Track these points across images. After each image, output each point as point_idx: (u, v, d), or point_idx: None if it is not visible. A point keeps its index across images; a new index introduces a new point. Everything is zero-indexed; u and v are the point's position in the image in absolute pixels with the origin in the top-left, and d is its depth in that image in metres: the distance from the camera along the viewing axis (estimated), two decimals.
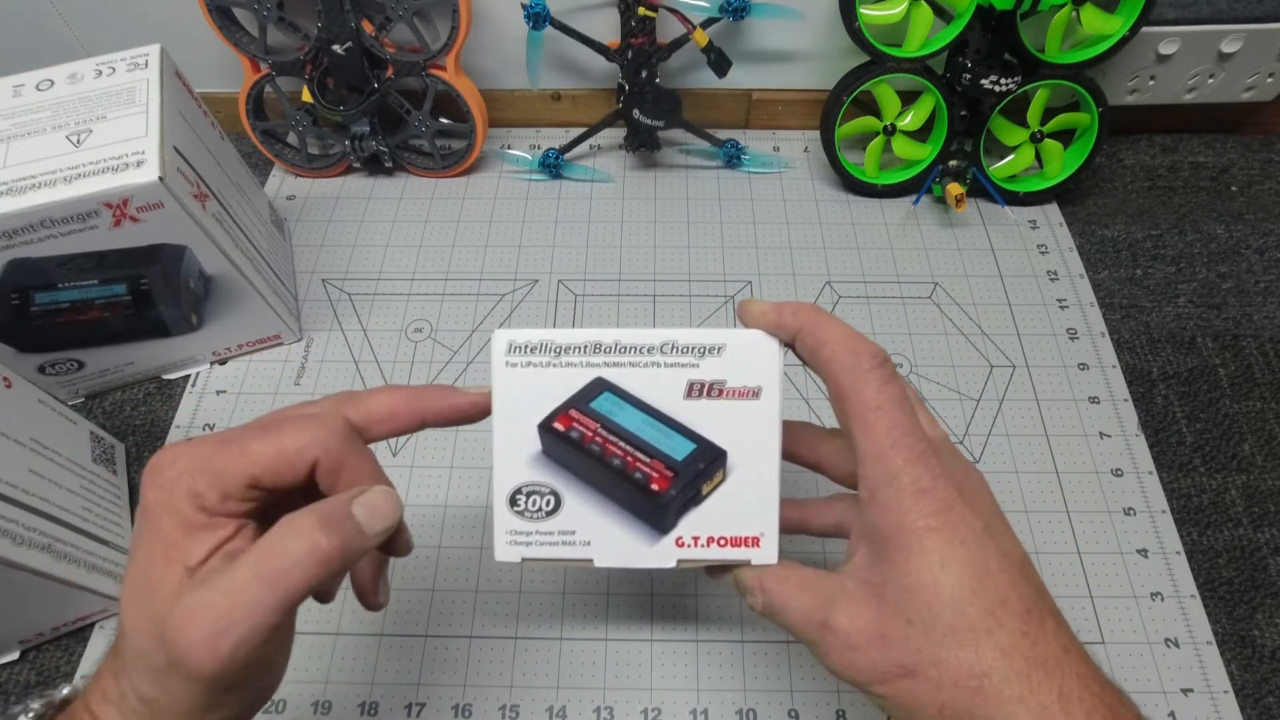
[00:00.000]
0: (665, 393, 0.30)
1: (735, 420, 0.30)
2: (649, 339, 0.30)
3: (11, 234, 0.43)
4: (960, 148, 0.61)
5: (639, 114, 0.62)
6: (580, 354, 0.30)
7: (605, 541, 0.31)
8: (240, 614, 0.23)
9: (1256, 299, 0.59)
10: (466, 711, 0.43)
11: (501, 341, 0.30)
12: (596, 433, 0.30)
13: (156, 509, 0.26)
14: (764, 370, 0.30)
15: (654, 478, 0.30)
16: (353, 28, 0.57)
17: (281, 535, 0.25)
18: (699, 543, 0.30)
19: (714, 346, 0.30)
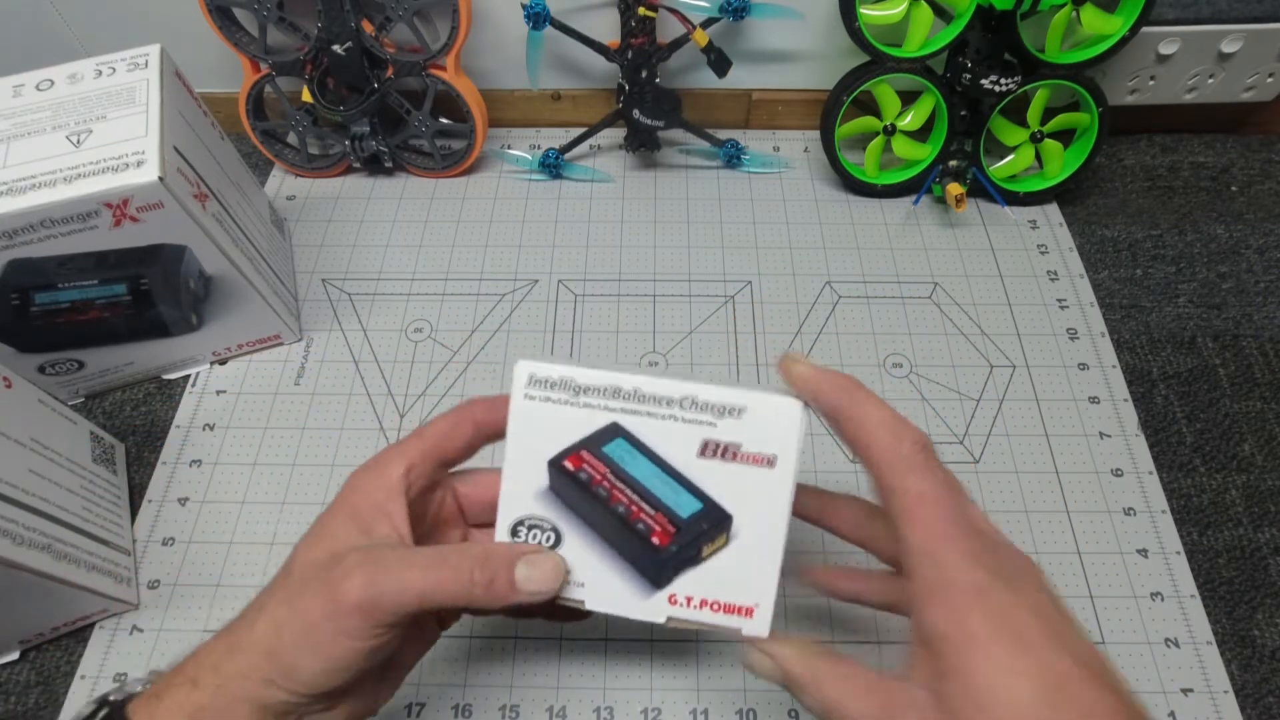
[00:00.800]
0: (679, 448, 0.30)
1: (746, 486, 0.29)
2: (670, 391, 0.30)
3: (11, 234, 0.43)
4: (960, 148, 0.61)
5: (639, 114, 0.62)
6: (600, 396, 0.30)
7: (599, 586, 0.30)
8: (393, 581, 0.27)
9: (1256, 299, 0.59)
10: (466, 711, 0.43)
11: (523, 373, 0.30)
12: (605, 477, 0.30)
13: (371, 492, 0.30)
14: (783, 439, 0.29)
15: (656, 530, 0.30)
16: (353, 28, 0.57)
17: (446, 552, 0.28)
18: (692, 603, 0.30)
19: (734, 408, 0.29)
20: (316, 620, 0.27)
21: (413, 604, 0.27)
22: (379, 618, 0.27)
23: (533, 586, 0.29)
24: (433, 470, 0.31)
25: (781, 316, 0.58)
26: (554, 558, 0.30)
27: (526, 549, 0.30)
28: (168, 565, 0.48)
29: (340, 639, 0.27)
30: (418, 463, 0.30)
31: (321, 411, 0.54)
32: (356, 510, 0.29)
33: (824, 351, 0.56)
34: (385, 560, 0.27)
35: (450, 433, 0.31)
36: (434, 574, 0.27)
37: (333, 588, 0.27)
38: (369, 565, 0.27)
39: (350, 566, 0.27)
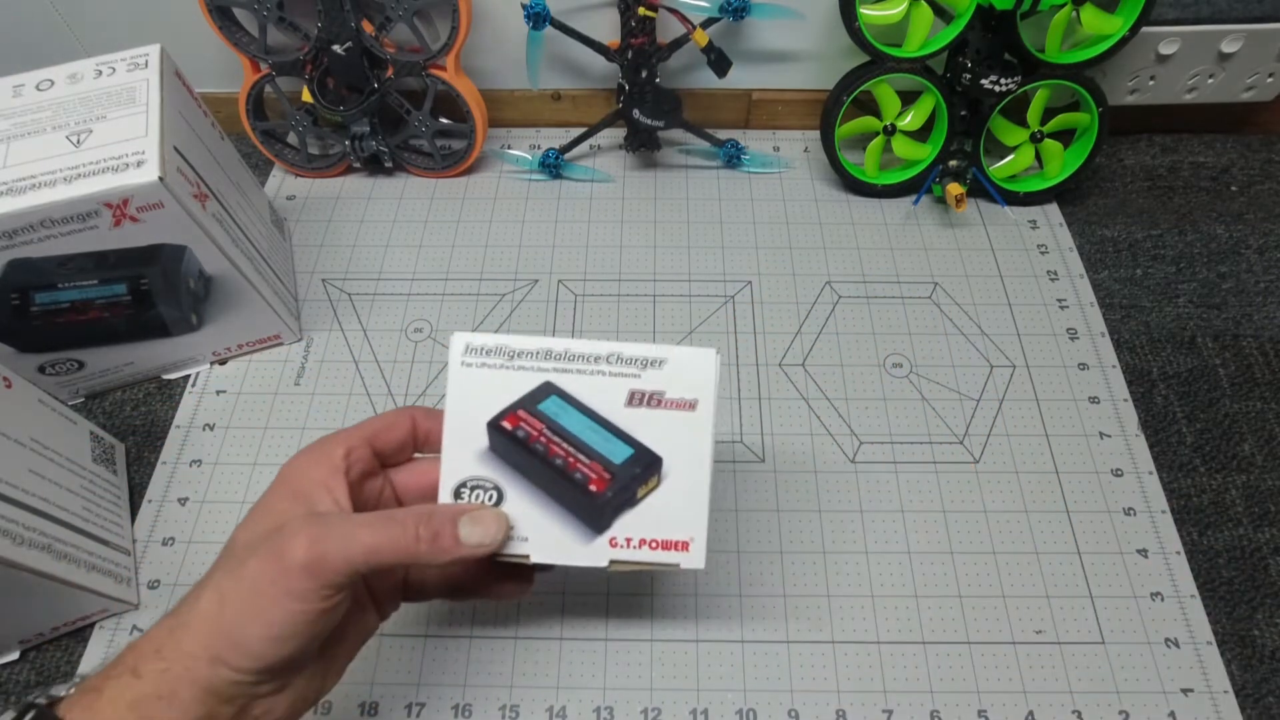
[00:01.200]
0: (608, 399, 0.32)
1: (672, 429, 0.32)
2: (596, 349, 0.32)
3: (11, 234, 0.43)
4: (960, 148, 0.61)
5: (639, 114, 0.62)
6: (532, 359, 0.32)
7: (542, 538, 0.32)
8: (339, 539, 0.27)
9: (1256, 299, 0.59)
10: (466, 711, 0.43)
11: (459, 343, 0.32)
12: (541, 433, 0.32)
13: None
14: (701, 384, 0.32)
15: (592, 479, 0.31)
16: (353, 28, 0.57)
17: (391, 513, 0.29)
18: (631, 544, 0.32)
19: (656, 360, 0.32)
20: (263, 585, 0.27)
21: (360, 560, 0.27)
22: (327, 577, 0.27)
23: (475, 539, 0.30)
24: (371, 457, 0.32)
25: (781, 316, 0.58)
26: (495, 512, 0.31)
27: (469, 506, 0.31)
28: (168, 565, 0.48)
29: (288, 602, 0.27)
30: (357, 446, 0.31)
31: (321, 411, 0.54)
32: (297, 489, 0.30)
33: (824, 351, 0.56)
34: (330, 522, 0.28)
35: (390, 424, 0.33)
36: (380, 531, 0.28)
37: (278, 551, 0.27)
38: (314, 526, 0.27)
39: (295, 529, 0.27)
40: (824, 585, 0.47)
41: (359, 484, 0.32)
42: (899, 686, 0.44)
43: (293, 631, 0.27)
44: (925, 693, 0.43)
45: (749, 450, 0.52)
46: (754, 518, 0.49)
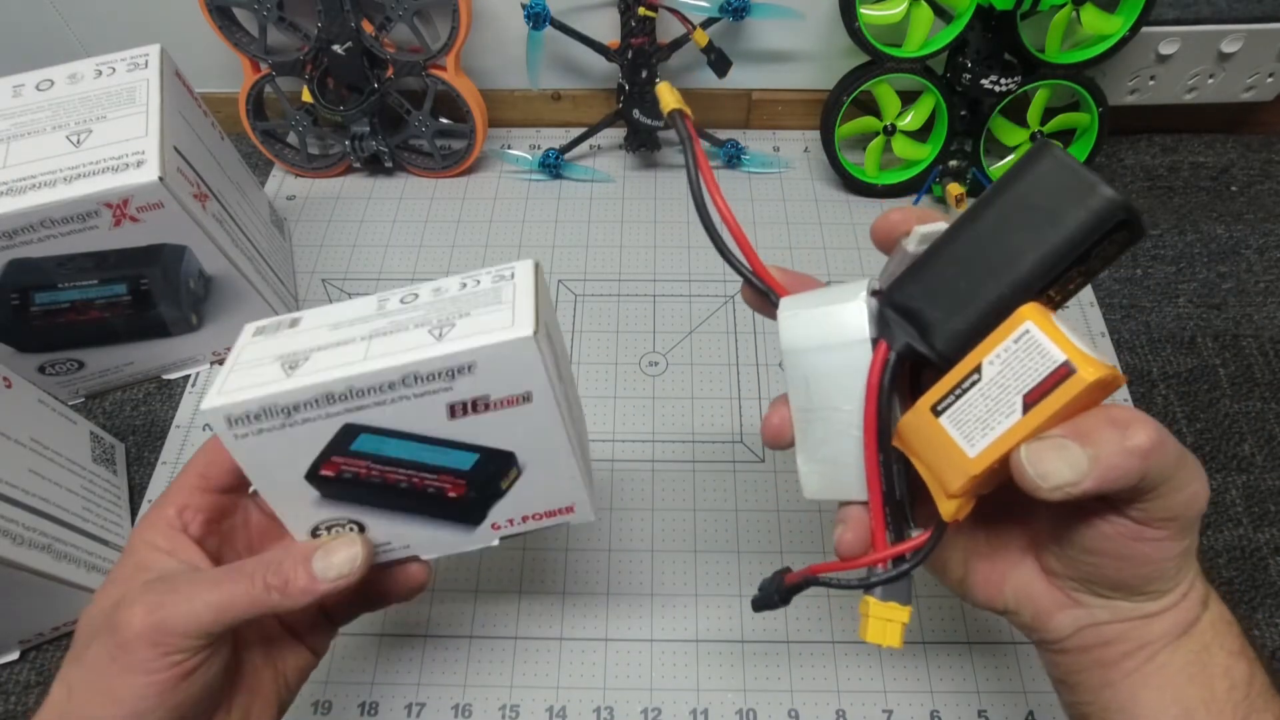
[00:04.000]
0: (427, 420, 0.27)
1: (513, 424, 0.27)
2: (385, 375, 0.25)
3: (11, 234, 0.43)
4: (960, 148, 0.61)
5: (639, 114, 0.62)
6: (314, 408, 0.26)
7: (422, 541, 0.30)
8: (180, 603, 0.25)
9: (1256, 299, 0.59)
10: (466, 711, 0.43)
11: (218, 419, 0.25)
12: (370, 467, 0.27)
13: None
14: (527, 375, 0.26)
15: (448, 488, 0.28)
16: (353, 28, 0.57)
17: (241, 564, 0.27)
18: (514, 522, 0.30)
19: (463, 366, 0.26)
20: (103, 665, 0.25)
21: (206, 622, 0.25)
22: (171, 643, 0.25)
23: (334, 573, 0.27)
24: (210, 500, 0.29)
25: None
26: (351, 538, 0.28)
27: (320, 542, 0.28)
28: None
29: (131, 677, 0.25)
30: (187, 498, 0.29)
31: None
32: (139, 560, 0.28)
33: None
34: (172, 585, 0.26)
35: (213, 458, 0.29)
36: (226, 588, 0.26)
37: (115, 627, 0.25)
38: (150, 594, 0.26)
39: (131, 599, 0.25)
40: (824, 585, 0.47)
41: (211, 530, 0.29)
42: (899, 686, 0.44)
43: (145, 707, 0.25)
44: (926, 692, 0.43)
45: (749, 450, 0.52)
46: (754, 518, 0.49)
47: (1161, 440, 0.22)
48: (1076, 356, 0.21)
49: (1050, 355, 0.22)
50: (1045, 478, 0.22)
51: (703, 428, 0.53)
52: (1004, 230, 0.23)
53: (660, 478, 0.51)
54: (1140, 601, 0.26)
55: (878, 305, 0.25)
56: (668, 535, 0.49)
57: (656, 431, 0.53)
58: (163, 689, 0.25)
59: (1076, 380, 0.21)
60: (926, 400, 0.24)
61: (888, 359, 0.24)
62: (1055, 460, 0.22)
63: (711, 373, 0.55)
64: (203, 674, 0.26)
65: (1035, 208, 0.22)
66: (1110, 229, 0.22)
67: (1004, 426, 0.22)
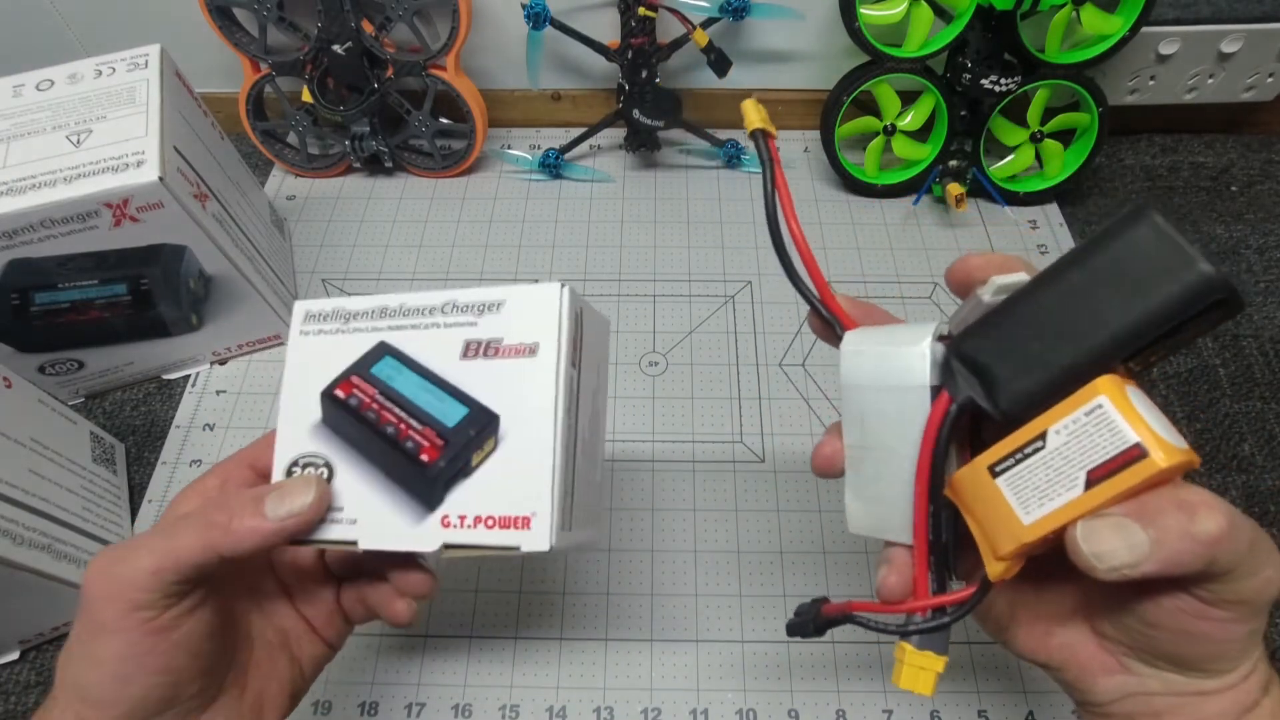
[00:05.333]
0: (444, 354, 0.29)
1: (511, 381, 0.28)
2: (432, 300, 0.30)
3: (12, 234, 0.43)
4: (960, 148, 0.61)
5: (639, 114, 0.62)
6: (368, 319, 0.30)
7: (371, 520, 0.29)
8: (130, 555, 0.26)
9: (1256, 299, 0.59)
10: (466, 711, 0.43)
11: (300, 311, 0.31)
12: (374, 399, 0.29)
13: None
14: (543, 324, 0.28)
15: (424, 447, 0.28)
16: (353, 28, 0.57)
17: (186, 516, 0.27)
18: (465, 522, 0.28)
19: (493, 303, 0.29)
20: (80, 629, 0.26)
21: (151, 570, 0.25)
22: (127, 596, 0.25)
23: (284, 512, 0.27)
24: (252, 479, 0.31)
25: (781, 316, 0.58)
26: (308, 480, 0.28)
27: (276, 484, 0.29)
28: None
29: (105, 637, 0.25)
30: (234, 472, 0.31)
31: None
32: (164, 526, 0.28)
33: (824, 351, 0.56)
34: (132, 542, 0.27)
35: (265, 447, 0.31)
36: (171, 535, 0.26)
37: (83, 595, 0.26)
38: (109, 552, 0.26)
39: (92, 573, 0.26)
40: (824, 585, 0.47)
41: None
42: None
43: (126, 669, 0.25)
44: None
45: (749, 450, 0.52)
46: (754, 518, 0.49)
47: (1233, 526, 0.21)
48: (1150, 439, 0.20)
49: (1122, 435, 0.21)
50: (1100, 558, 0.21)
51: (703, 428, 0.53)
52: (1088, 295, 0.22)
53: (660, 478, 0.51)
54: (1197, 678, 0.24)
55: (944, 351, 0.24)
56: (668, 535, 0.49)
57: (656, 431, 0.53)
58: (140, 648, 0.25)
59: (1148, 464, 0.20)
60: (985, 459, 0.23)
61: (949, 411, 0.23)
62: (1113, 540, 0.21)
63: (711, 373, 0.55)
64: (183, 636, 0.26)
65: (1125, 275, 0.21)
66: (1206, 308, 0.20)
67: (1063, 500, 0.22)
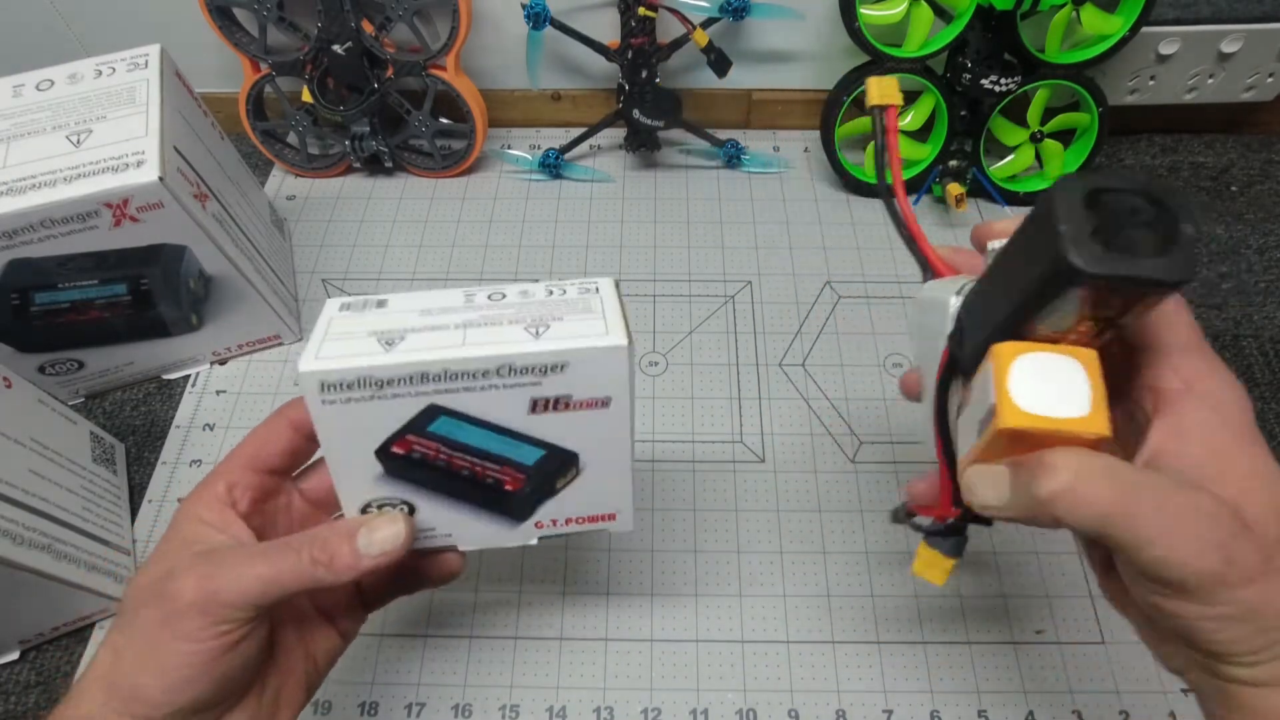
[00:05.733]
0: (508, 411, 0.28)
1: (585, 427, 0.29)
2: (481, 363, 0.27)
3: (11, 234, 0.43)
4: (960, 148, 0.61)
5: (639, 114, 0.62)
6: (406, 385, 0.27)
7: (464, 530, 0.31)
8: (231, 575, 0.26)
9: (1256, 299, 0.59)
10: (466, 711, 0.43)
11: (312, 383, 0.26)
12: (439, 450, 0.29)
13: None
14: (613, 382, 0.28)
15: (507, 481, 0.29)
16: (353, 28, 0.57)
17: (288, 539, 0.28)
18: (557, 524, 0.31)
19: (556, 365, 0.27)
20: (153, 631, 0.26)
21: (256, 594, 0.26)
22: (220, 614, 0.26)
23: (376, 549, 0.28)
24: (258, 480, 0.30)
25: (781, 316, 0.58)
26: (395, 515, 0.29)
27: (366, 519, 0.29)
28: None
29: (179, 645, 0.26)
30: (238, 476, 0.30)
31: None
32: (185, 535, 0.29)
33: (824, 351, 0.56)
34: (221, 557, 0.27)
35: (267, 438, 0.31)
36: (274, 561, 0.27)
37: (166, 596, 0.26)
38: (203, 564, 0.27)
39: (183, 570, 0.26)
40: (824, 585, 0.47)
41: (256, 509, 0.30)
42: (899, 686, 0.44)
43: (191, 675, 0.26)
44: (925, 692, 0.43)
45: (749, 450, 0.52)
46: (754, 518, 0.49)
47: (1072, 491, 0.22)
48: (1003, 403, 0.22)
49: (989, 397, 0.23)
50: (973, 495, 0.25)
51: (703, 428, 0.53)
52: (1012, 262, 0.23)
53: (660, 478, 0.51)
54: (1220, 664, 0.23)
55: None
56: (668, 535, 0.49)
57: (656, 431, 0.53)
58: (208, 659, 0.26)
59: (993, 426, 0.23)
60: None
61: (945, 361, 0.27)
62: (982, 485, 0.24)
63: (711, 373, 0.55)
64: (245, 647, 0.27)
65: (1019, 252, 0.23)
66: (1064, 287, 0.20)
67: (968, 446, 0.25)
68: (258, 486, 0.30)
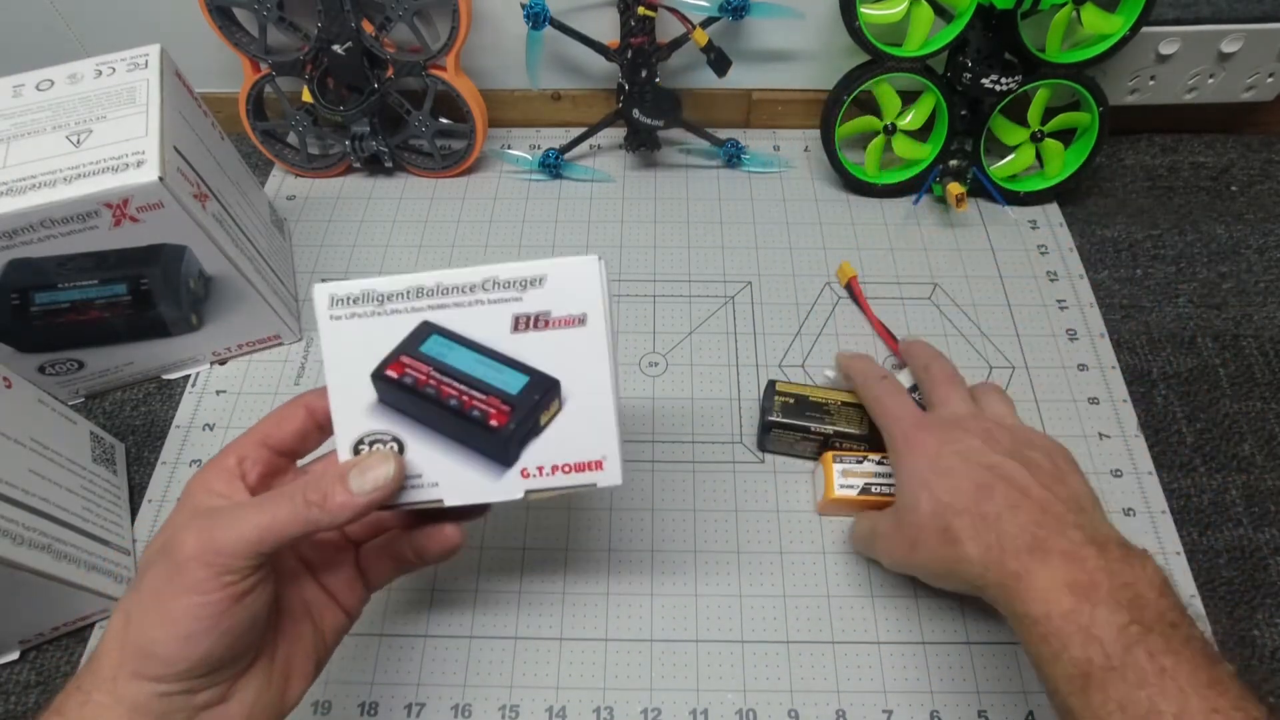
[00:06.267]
0: (492, 329, 0.31)
1: (564, 349, 0.31)
2: (470, 277, 0.31)
3: (11, 234, 0.43)
4: (960, 147, 0.61)
5: (639, 114, 0.62)
6: (404, 300, 0.31)
7: (452, 480, 0.31)
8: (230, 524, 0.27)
9: (1256, 299, 0.59)
10: (466, 711, 0.43)
11: (323, 296, 0.31)
12: (430, 375, 0.31)
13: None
14: (587, 297, 0.31)
15: (492, 414, 0.30)
16: (353, 28, 0.57)
17: (279, 489, 0.29)
18: (544, 471, 0.31)
19: (536, 278, 0.31)
20: (160, 587, 0.27)
21: (255, 540, 0.27)
22: (221, 563, 0.27)
23: (369, 487, 0.29)
24: (268, 457, 0.32)
25: (781, 316, 0.58)
26: (385, 455, 0.30)
27: (355, 460, 0.30)
28: None
29: (186, 596, 0.27)
30: (249, 451, 0.31)
31: None
32: (194, 504, 0.30)
33: (824, 352, 0.56)
34: (220, 513, 0.28)
35: (281, 419, 0.32)
36: (269, 509, 0.28)
37: (171, 553, 0.27)
38: (202, 519, 0.28)
39: (185, 528, 0.28)
40: (824, 586, 0.47)
41: (263, 484, 0.31)
42: (899, 686, 0.44)
43: (200, 627, 0.27)
44: (925, 693, 0.43)
45: (749, 450, 0.52)
46: (754, 518, 0.49)
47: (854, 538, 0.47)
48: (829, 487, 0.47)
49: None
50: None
51: (703, 428, 0.53)
52: None
53: (660, 478, 0.51)
54: None
55: None
56: (668, 535, 0.49)
57: (656, 431, 0.53)
58: (215, 610, 0.27)
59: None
60: None
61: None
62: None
63: (711, 373, 0.55)
64: (251, 601, 0.28)
65: None
66: None
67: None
68: (267, 462, 0.32)
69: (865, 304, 0.58)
